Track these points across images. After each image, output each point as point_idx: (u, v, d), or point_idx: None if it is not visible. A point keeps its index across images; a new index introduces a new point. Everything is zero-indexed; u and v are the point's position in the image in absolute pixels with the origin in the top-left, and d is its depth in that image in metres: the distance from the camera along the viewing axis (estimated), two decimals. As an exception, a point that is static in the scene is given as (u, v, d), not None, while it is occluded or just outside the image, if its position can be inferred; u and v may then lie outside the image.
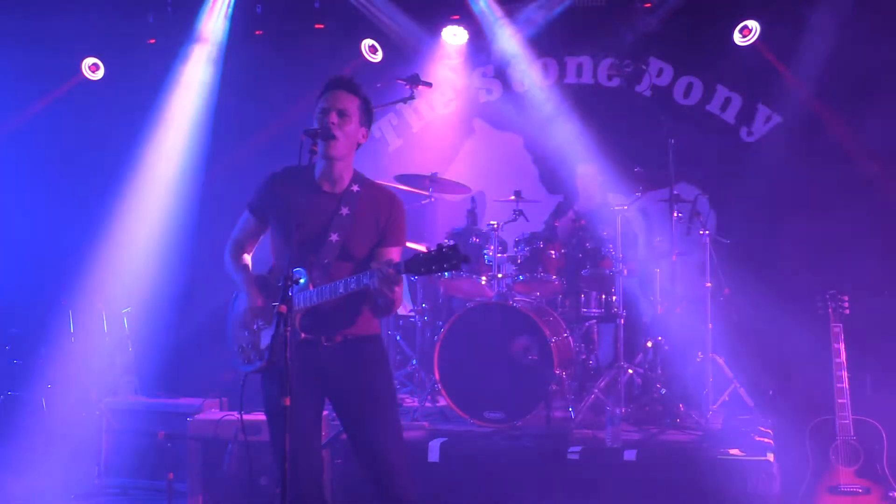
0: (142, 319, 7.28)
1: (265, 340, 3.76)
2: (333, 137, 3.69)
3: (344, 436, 3.95)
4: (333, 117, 3.71)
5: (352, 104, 3.76)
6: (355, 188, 3.79)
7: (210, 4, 7.65)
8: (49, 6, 7.53)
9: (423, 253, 3.50)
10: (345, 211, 3.75)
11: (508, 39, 7.58)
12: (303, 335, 3.70)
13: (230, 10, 7.66)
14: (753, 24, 7.08)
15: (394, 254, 3.77)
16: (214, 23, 7.69)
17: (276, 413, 3.71)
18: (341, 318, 3.75)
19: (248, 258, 3.97)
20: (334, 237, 3.72)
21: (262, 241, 3.99)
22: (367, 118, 3.84)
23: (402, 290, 3.71)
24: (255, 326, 3.81)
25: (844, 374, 4.98)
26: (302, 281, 3.68)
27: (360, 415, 3.77)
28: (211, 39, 7.75)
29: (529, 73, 7.70)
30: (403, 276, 3.55)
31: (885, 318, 6.28)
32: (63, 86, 7.99)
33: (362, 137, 3.83)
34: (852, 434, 4.88)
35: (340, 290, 3.60)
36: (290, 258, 3.52)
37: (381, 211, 3.78)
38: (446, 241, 3.72)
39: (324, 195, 3.78)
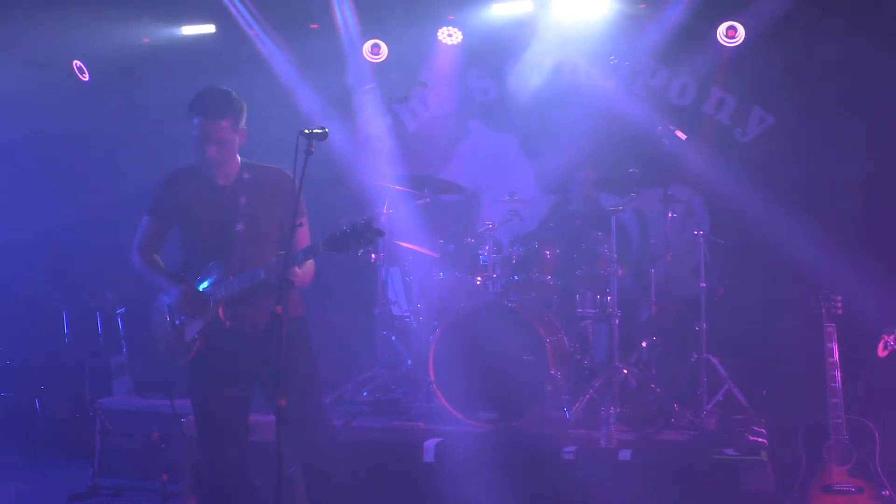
0: (137, 320, 7.27)
1: (190, 334, 3.91)
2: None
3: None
4: (212, 152, 3.86)
5: (223, 130, 3.86)
6: (246, 175, 3.95)
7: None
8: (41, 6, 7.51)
9: (339, 231, 3.61)
10: (242, 200, 3.91)
11: (504, 40, 7.58)
12: (227, 324, 3.84)
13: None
14: (739, 26, 7.07)
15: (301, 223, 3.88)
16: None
17: (202, 402, 3.98)
18: (263, 303, 3.81)
19: (157, 258, 4.15)
20: (240, 227, 3.89)
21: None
22: (241, 120, 3.96)
23: (309, 271, 3.91)
24: (177, 322, 3.94)
25: (837, 373, 4.99)
26: (214, 273, 3.87)
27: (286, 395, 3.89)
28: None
29: (524, 74, 7.69)
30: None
31: (878, 317, 6.29)
32: (54, 86, 7.96)
33: (241, 137, 3.98)
34: (845, 433, 4.90)
35: (261, 276, 3.75)
36: (198, 253, 3.79)
37: (275, 190, 3.93)
38: (362, 219, 3.77)
39: (219, 189, 3.94)
